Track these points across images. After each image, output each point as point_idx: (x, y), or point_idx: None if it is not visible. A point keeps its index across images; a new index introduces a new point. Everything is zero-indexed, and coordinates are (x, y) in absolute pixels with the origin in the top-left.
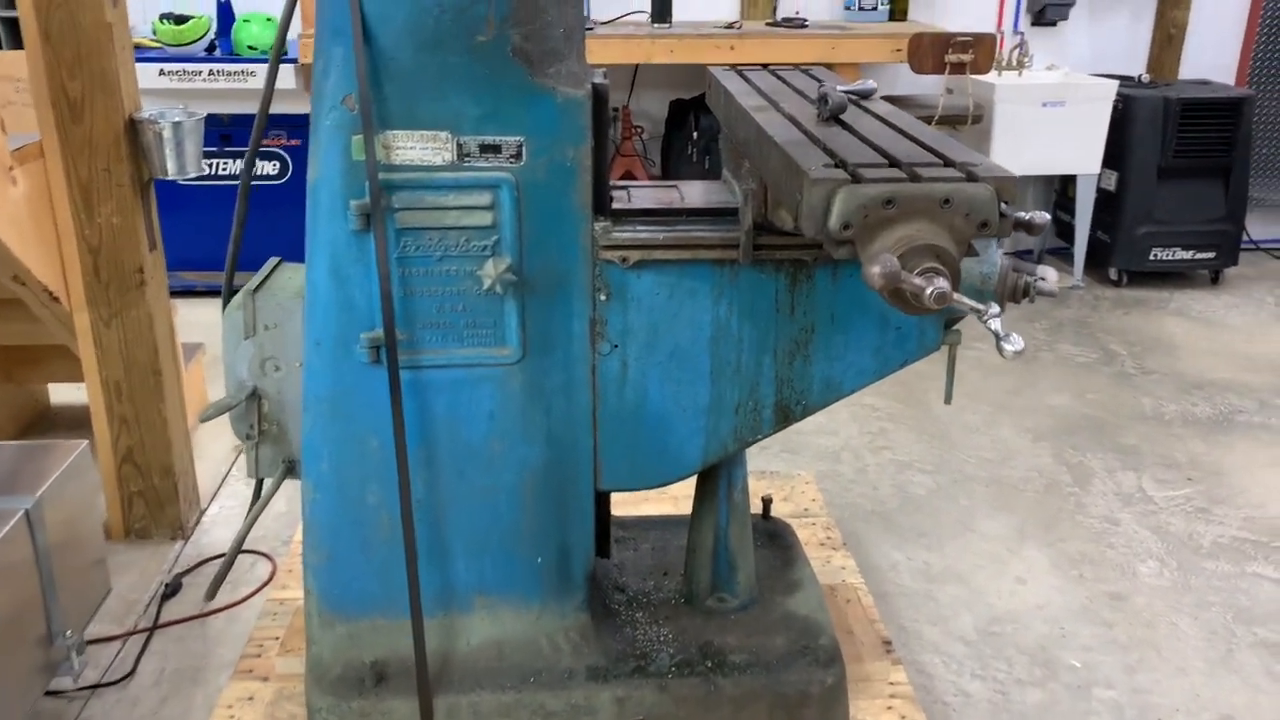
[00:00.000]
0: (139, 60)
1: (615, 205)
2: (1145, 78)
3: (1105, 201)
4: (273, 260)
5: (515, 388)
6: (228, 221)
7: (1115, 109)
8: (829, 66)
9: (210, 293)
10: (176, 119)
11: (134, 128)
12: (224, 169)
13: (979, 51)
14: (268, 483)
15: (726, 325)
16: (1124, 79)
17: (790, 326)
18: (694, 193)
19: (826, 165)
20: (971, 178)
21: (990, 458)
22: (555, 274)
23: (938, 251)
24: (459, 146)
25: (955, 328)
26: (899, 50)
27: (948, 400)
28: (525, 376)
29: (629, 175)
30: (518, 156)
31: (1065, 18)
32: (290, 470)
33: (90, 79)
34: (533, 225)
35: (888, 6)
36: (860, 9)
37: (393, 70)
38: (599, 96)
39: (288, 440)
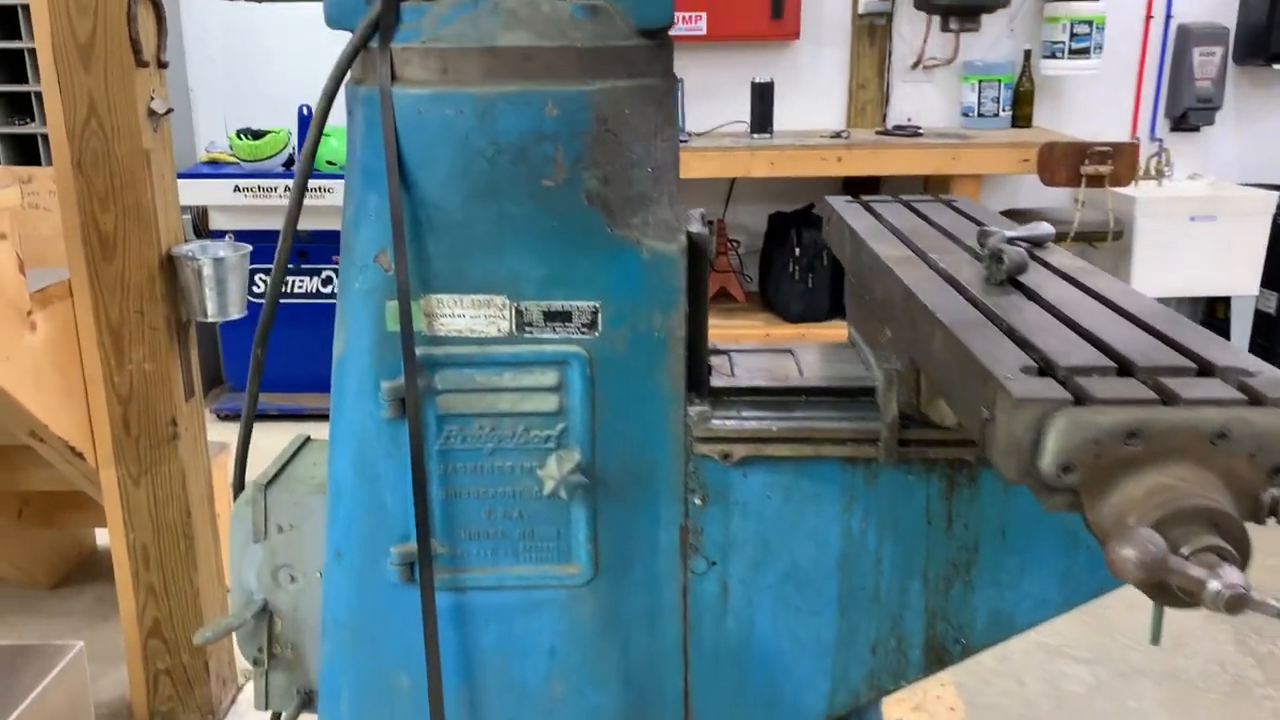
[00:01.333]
0: (213, 176)
1: (714, 379)
2: None
3: (1264, 325)
4: (299, 437)
5: (584, 615)
6: (300, 342)
7: (1274, 223)
8: (947, 179)
9: (279, 416)
10: (220, 254)
11: (171, 265)
12: (299, 287)
13: (1119, 162)
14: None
15: (861, 541)
16: (1272, 188)
17: (946, 544)
18: (813, 361)
19: (1027, 369)
20: (1254, 397)
21: (1160, 644)
22: (636, 472)
23: (1214, 517)
24: (518, 314)
25: None
26: (1026, 161)
27: (1155, 640)
28: (597, 601)
29: (724, 292)
30: (591, 326)
31: (1211, 122)
32: (308, 702)
33: (124, 212)
34: (609, 411)
35: (1009, 113)
36: (980, 115)
37: (437, 222)
38: (695, 249)
39: (304, 667)
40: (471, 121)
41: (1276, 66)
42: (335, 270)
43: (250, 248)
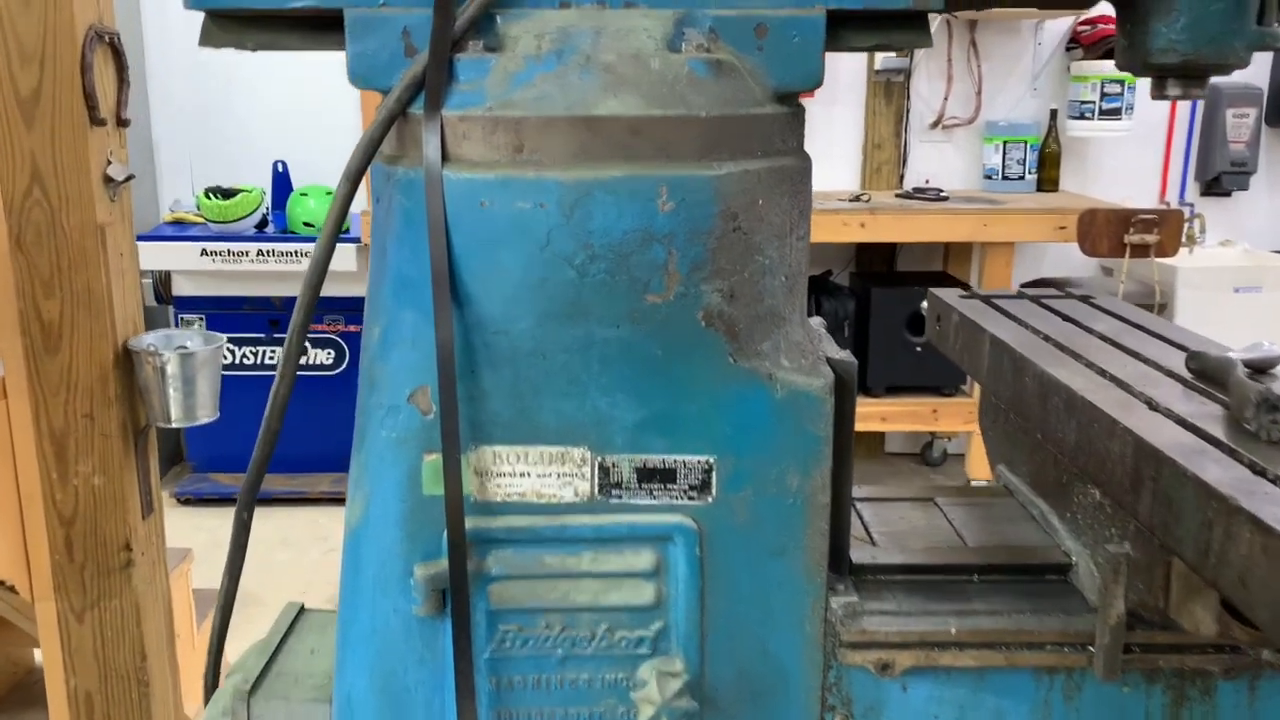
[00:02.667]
0: (178, 238)
1: (853, 550)
2: None
3: None
4: (289, 608)
5: None
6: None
7: None
8: (969, 246)
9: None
10: (186, 345)
11: (128, 360)
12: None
13: (1164, 230)
14: None
15: None
16: None
17: None
18: (968, 519)
19: None
20: None
21: None
22: (757, 688)
23: None
24: (603, 472)
25: None
26: (1063, 228)
27: None
28: None
29: None
30: (703, 489)
31: (1244, 187)
32: None
33: (72, 298)
34: (723, 604)
35: (1035, 175)
36: (1004, 178)
37: (498, 350)
38: (842, 384)
39: None
40: (556, 218)
41: None
42: (314, 340)
43: (224, 338)
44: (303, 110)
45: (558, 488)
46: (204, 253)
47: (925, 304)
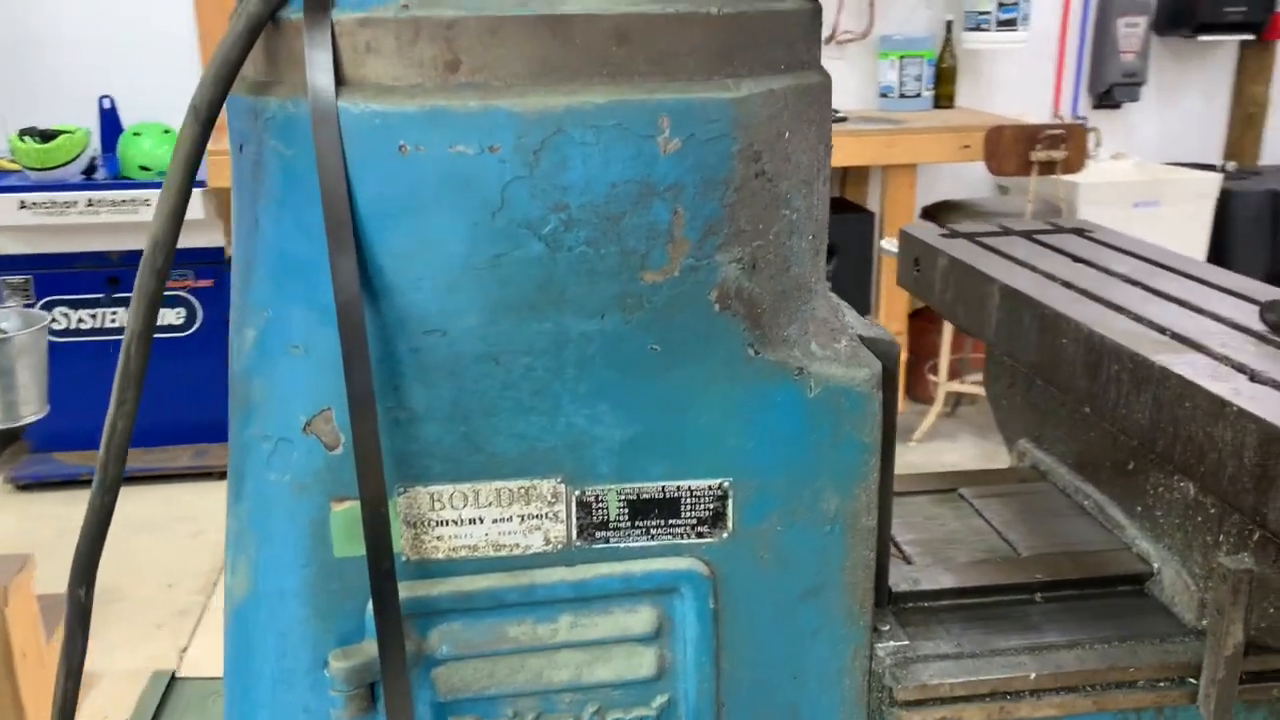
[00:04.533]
0: None
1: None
2: (1231, 166)
3: None
4: (156, 678)
5: None
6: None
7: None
8: (865, 169)
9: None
10: (1, 329)
11: None
12: (111, 320)
13: (1071, 146)
14: None
15: None
16: (1205, 168)
17: None
18: (1008, 516)
19: None
20: None
21: None
22: None
23: None
24: (583, 510)
25: None
26: (968, 147)
27: None
28: None
29: None
30: (715, 522)
31: (1135, 99)
32: None
33: None
34: (744, 665)
35: (932, 92)
36: (902, 96)
37: (431, 358)
38: (887, 374)
39: None
40: (514, 167)
41: (1200, 38)
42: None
43: (48, 317)
44: (132, 35)
45: (522, 535)
46: (23, 205)
47: (887, 243)
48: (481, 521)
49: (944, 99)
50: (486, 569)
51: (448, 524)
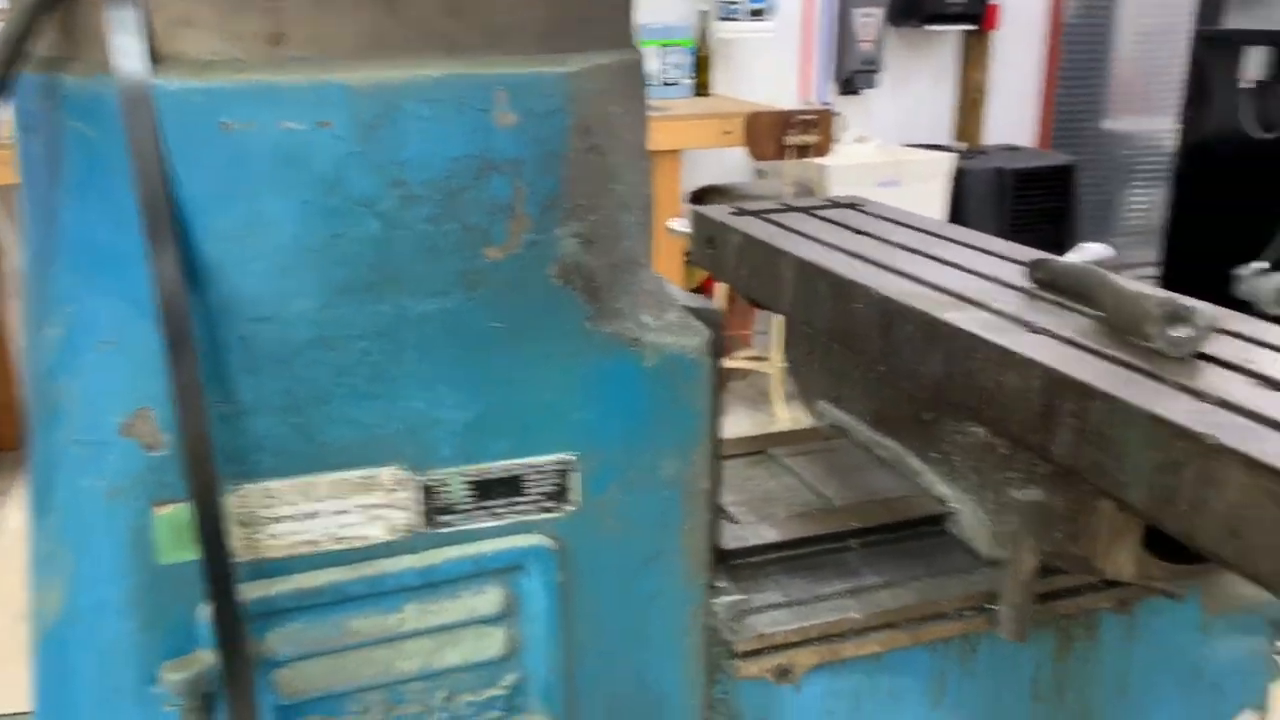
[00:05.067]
0: None
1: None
2: (962, 146)
3: None
4: None
5: None
6: None
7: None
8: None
9: None
10: None
11: None
12: None
13: (821, 131)
14: None
15: None
16: (939, 148)
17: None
18: (819, 472)
19: None
20: None
21: None
22: None
23: None
24: (427, 495)
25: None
26: (729, 133)
27: None
28: None
29: None
30: (560, 496)
31: (873, 85)
32: None
33: None
34: (591, 634)
35: (692, 80)
36: (664, 84)
37: (261, 346)
38: (715, 341)
39: None
40: (348, 143)
41: (928, 28)
42: None
43: None
44: None
45: (363, 525)
46: None
47: (676, 223)
48: (320, 515)
49: (702, 87)
50: (327, 563)
51: (283, 520)
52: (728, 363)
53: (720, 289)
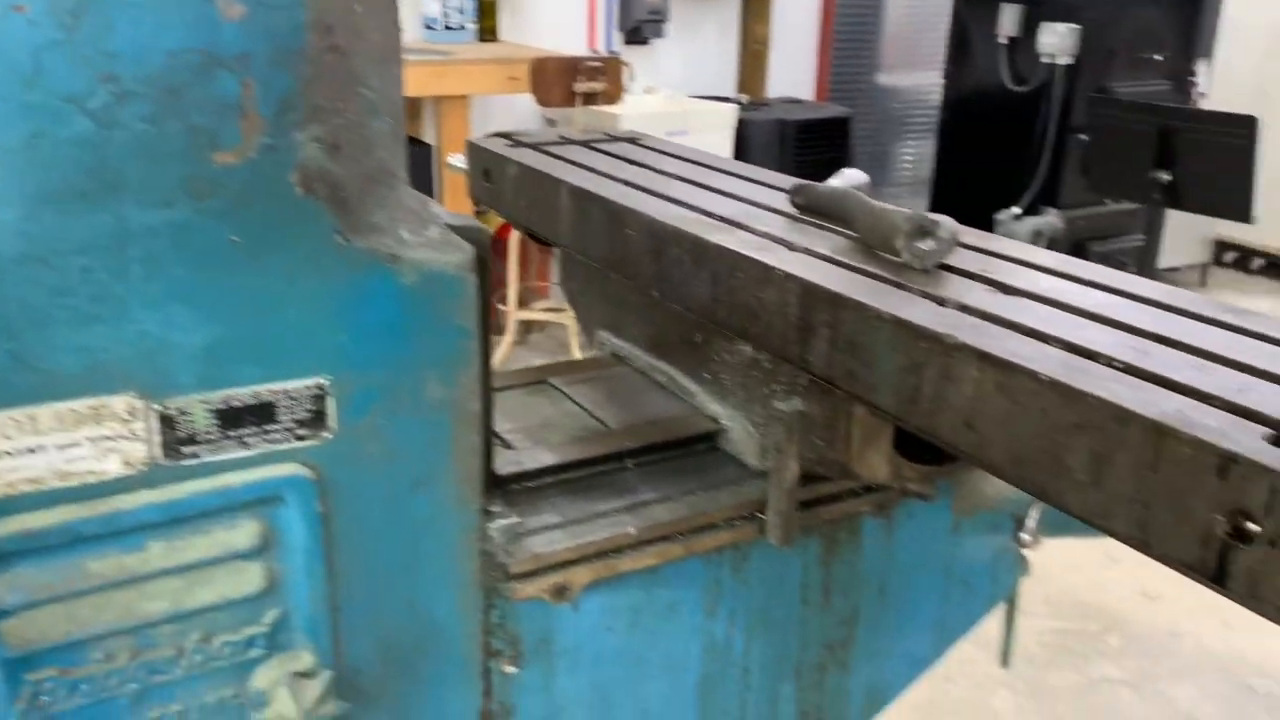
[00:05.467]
0: None
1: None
2: (744, 99)
3: None
4: None
5: None
6: None
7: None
8: (435, 101)
9: None
10: None
11: None
12: None
13: (610, 79)
14: None
15: (725, 650)
16: (724, 100)
17: (822, 623)
18: (596, 398)
19: (1270, 439)
20: None
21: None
22: (407, 657)
23: None
24: (166, 425)
25: (1025, 551)
26: (515, 79)
27: (1006, 661)
28: None
29: None
30: (316, 422)
31: (661, 35)
32: None
33: None
34: (358, 565)
35: (475, 25)
36: (446, 28)
37: None
38: (480, 260)
39: None
40: (48, 30)
41: None
42: None
43: None
44: None
45: (95, 460)
46: None
47: (454, 159)
48: (44, 450)
49: (487, 32)
50: (56, 502)
51: (1, 456)
52: (526, 315)
53: (514, 238)
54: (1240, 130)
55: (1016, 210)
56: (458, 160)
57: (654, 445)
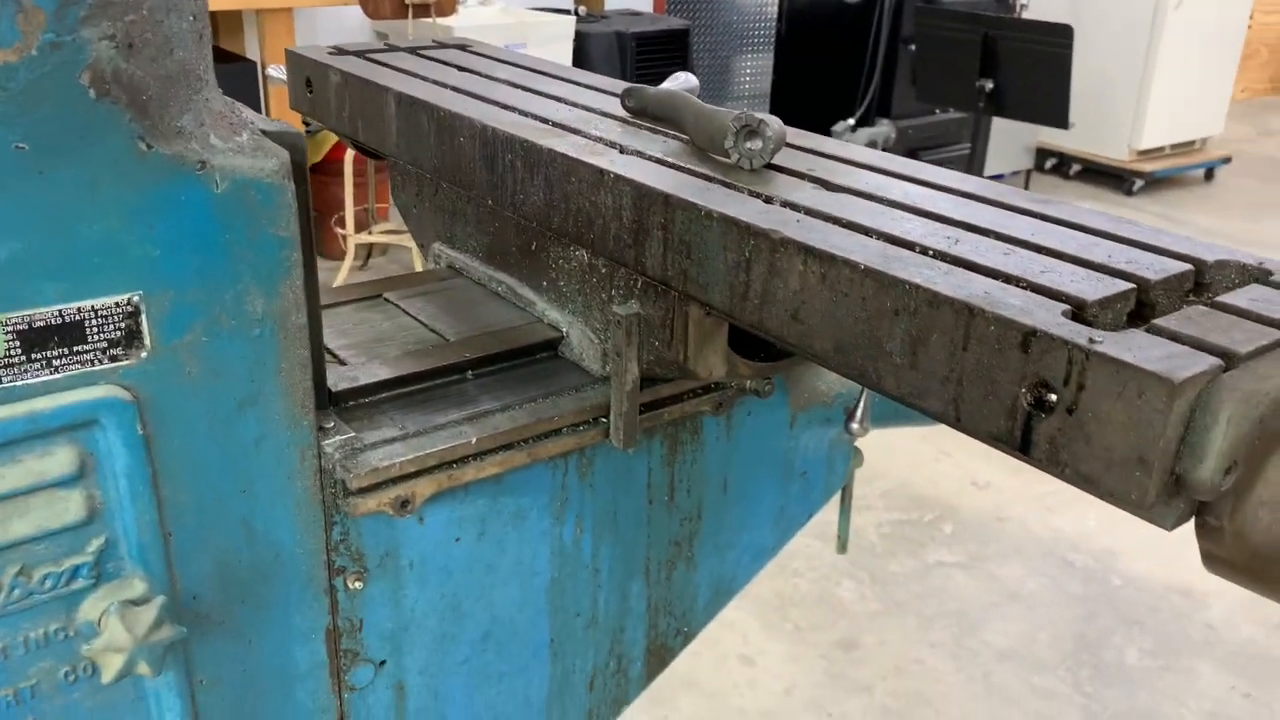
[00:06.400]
0: None
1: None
2: (582, 10)
3: None
4: None
5: None
6: None
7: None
8: (257, 14)
9: None
10: None
11: None
12: None
13: None
14: None
15: (575, 554)
16: (561, 12)
17: (670, 520)
18: (431, 310)
19: (1069, 314)
20: None
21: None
22: (246, 579)
23: None
24: None
25: (857, 442)
26: None
27: (843, 548)
28: None
29: None
30: (130, 342)
31: None
32: None
33: None
34: (186, 488)
35: None
36: None
37: None
38: (296, 166)
39: None
40: None
41: None
42: None
43: None
44: None
45: None
46: None
47: (274, 70)
48: None
49: None
50: None
51: None
52: (366, 238)
53: (349, 158)
54: (1057, 39)
55: (851, 121)
56: (278, 71)
57: (494, 355)
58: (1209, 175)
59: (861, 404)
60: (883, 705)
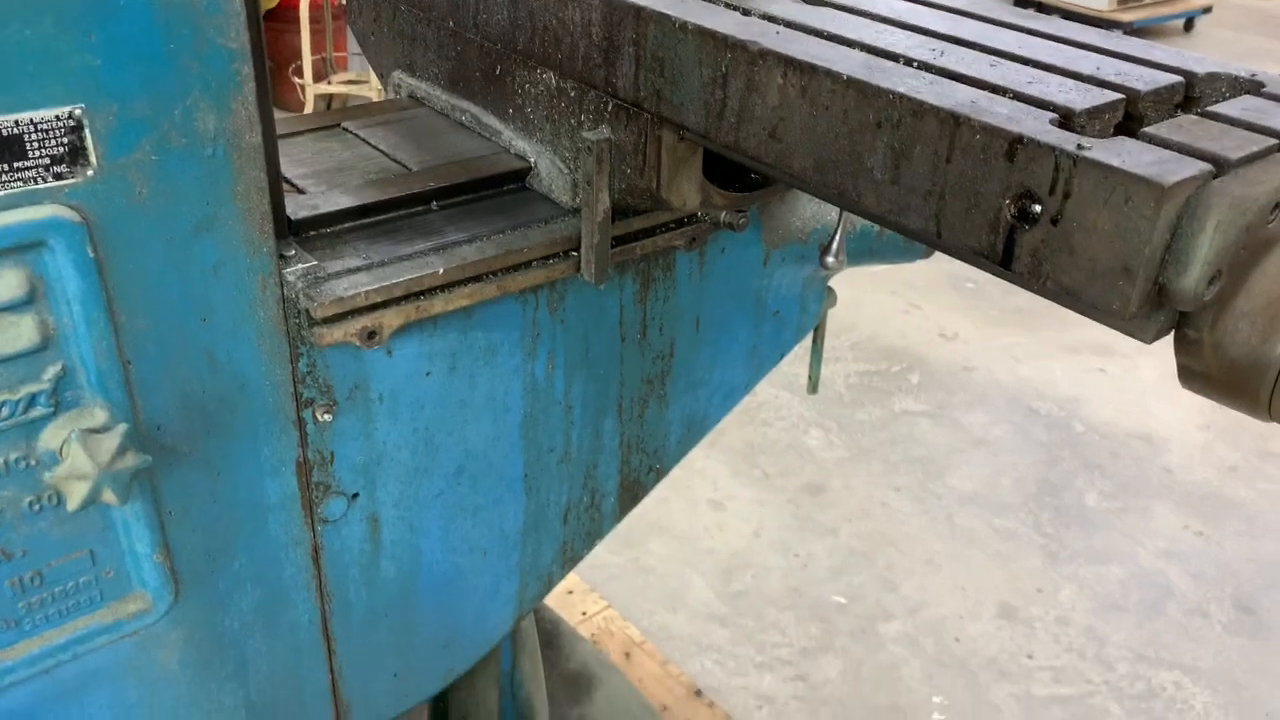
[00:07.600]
0: None
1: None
2: None
3: None
4: None
5: (169, 660)
6: None
7: None
8: None
9: None
10: None
11: None
12: None
13: None
14: None
15: (548, 390)
16: None
17: (642, 358)
18: (395, 140)
19: (1056, 122)
20: None
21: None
22: (211, 409)
23: None
24: None
25: (830, 281)
26: None
27: (814, 388)
28: (186, 631)
29: None
30: (75, 158)
31: None
32: None
33: None
34: (143, 313)
35: None
36: None
37: None
38: None
39: None
40: None
41: None
42: None
43: None
44: None
45: None
46: None
47: None
48: None
49: None
50: None
51: None
52: (325, 89)
53: (305, 4)
54: None
55: None
56: None
57: (460, 185)
58: (1189, 25)
59: (837, 238)
60: (848, 546)
